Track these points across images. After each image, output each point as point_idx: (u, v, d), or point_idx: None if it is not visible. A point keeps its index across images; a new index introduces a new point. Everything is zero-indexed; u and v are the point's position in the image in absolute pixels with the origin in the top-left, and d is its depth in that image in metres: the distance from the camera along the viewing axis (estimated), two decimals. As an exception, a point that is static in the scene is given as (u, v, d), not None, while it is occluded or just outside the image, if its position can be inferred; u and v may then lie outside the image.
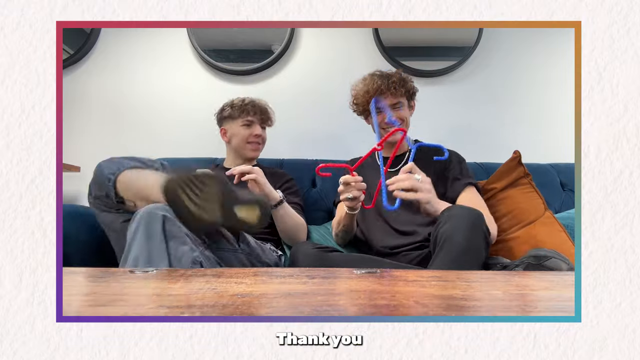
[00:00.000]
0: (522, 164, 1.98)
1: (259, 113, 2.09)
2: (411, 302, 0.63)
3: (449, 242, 1.34)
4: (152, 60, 2.60)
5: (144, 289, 0.73)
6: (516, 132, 2.61)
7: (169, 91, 2.59)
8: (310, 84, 2.61)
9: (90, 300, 0.67)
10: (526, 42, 2.65)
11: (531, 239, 1.79)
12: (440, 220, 1.41)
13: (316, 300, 0.64)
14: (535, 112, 2.62)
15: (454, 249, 1.32)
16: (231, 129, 2.09)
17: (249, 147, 2.08)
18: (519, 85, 2.64)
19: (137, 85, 2.58)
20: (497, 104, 2.62)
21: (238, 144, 2.08)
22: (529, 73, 2.64)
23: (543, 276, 0.95)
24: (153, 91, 2.58)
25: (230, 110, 2.08)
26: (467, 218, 1.37)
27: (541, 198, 1.93)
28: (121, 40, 2.61)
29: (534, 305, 0.67)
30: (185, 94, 2.59)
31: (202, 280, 0.78)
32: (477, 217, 1.38)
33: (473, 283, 0.82)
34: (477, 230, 1.36)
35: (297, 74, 2.62)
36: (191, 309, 0.59)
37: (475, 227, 1.36)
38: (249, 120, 2.06)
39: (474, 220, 1.37)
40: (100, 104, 2.56)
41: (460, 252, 1.31)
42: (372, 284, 0.76)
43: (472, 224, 1.36)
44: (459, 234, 1.33)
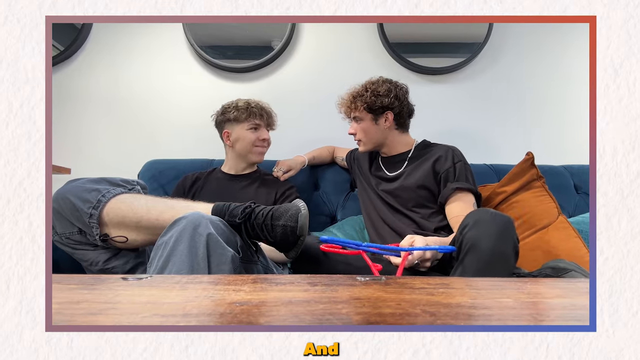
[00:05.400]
0: (535, 165, 1.98)
1: (265, 116, 2.08)
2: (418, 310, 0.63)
3: (475, 249, 1.33)
4: (146, 57, 2.61)
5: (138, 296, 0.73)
6: (528, 133, 2.61)
7: (163, 89, 2.59)
8: (312, 82, 2.61)
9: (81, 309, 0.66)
10: (538, 38, 2.65)
11: (544, 245, 1.79)
12: (465, 223, 1.41)
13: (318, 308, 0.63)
14: (548, 112, 2.62)
15: (480, 256, 1.32)
16: (236, 132, 2.07)
17: (256, 151, 2.08)
18: (530, 83, 2.64)
19: (131, 84, 2.59)
20: (507, 103, 2.62)
21: (244, 147, 2.07)
22: (541, 71, 2.64)
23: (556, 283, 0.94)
24: (147, 90, 2.59)
25: (236, 112, 2.05)
26: (495, 223, 1.36)
27: (554, 202, 1.93)
28: (114, 36, 2.61)
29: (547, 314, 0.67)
30: (181, 93, 2.59)
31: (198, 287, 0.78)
32: (507, 223, 1.37)
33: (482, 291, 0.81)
34: (507, 237, 1.35)
35: (298, 71, 2.62)
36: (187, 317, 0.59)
37: (504, 233, 1.35)
38: (256, 124, 2.05)
39: (503, 226, 1.36)
40: (91, 103, 2.56)
41: (487, 261, 1.31)
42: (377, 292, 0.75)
43: (501, 230, 1.35)
44: (486, 241, 1.32)
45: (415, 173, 1.89)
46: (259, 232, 1.29)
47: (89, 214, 1.25)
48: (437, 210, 1.84)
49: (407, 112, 1.98)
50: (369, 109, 1.93)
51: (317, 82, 2.61)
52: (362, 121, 1.96)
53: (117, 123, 2.57)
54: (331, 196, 2.27)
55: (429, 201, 1.85)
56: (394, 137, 1.99)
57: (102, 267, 1.35)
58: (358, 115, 1.97)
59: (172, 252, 1.15)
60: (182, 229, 1.17)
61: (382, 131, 1.96)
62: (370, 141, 1.98)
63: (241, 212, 1.30)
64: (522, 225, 1.89)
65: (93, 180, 1.33)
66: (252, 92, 2.41)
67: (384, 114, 1.93)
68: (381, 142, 1.99)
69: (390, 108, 1.92)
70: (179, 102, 2.59)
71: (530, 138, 2.59)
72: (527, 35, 2.65)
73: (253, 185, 2.08)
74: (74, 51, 2.56)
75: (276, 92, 2.57)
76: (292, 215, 1.28)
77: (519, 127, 2.61)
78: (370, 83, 1.97)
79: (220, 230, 1.21)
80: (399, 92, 1.94)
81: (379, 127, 1.95)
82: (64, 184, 1.32)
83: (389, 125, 1.95)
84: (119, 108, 2.57)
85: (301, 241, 1.29)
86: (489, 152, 2.54)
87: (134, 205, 1.30)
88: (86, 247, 1.34)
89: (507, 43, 2.65)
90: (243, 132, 2.05)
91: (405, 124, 2.01)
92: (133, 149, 2.55)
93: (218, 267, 1.17)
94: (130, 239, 1.30)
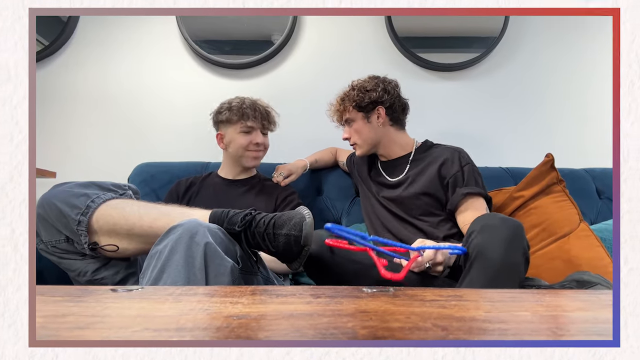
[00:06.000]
0: (555, 168, 1.98)
1: (259, 118, 2.03)
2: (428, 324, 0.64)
3: (482, 258, 1.33)
4: (137, 52, 2.61)
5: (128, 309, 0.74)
6: (546, 133, 2.61)
7: (156, 87, 2.60)
8: (314, 79, 2.62)
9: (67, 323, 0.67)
10: (558, 32, 2.65)
11: (564, 255, 1.79)
12: (472, 230, 1.41)
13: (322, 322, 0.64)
14: (568, 111, 2.62)
15: (488, 265, 1.32)
16: (229, 135, 2.04)
17: (249, 156, 2.05)
18: (549, 80, 2.64)
19: (121, 81, 2.59)
20: (524, 102, 2.63)
21: (236, 151, 2.04)
22: (561, 67, 2.64)
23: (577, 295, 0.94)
24: (138, 87, 2.60)
25: (228, 113, 2.02)
26: (503, 229, 1.36)
27: (576, 208, 1.92)
28: (102, 30, 2.62)
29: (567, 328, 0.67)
30: (174, 90, 2.60)
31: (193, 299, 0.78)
32: (516, 229, 1.37)
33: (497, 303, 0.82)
34: (516, 244, 1.35)
35: (299, 67, 2.63)
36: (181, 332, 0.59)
37: (513, 240, 1.35)
38: (248, 126, 2.01)
39: (512, 232, 1.35)
40: (78, 102, 2.57)
41: (495, 270, 1.31)
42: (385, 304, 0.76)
43: (510, 236, 1.35)
44: (494, 249, 1.32)
45: (419, 179, 1.90)
46: (260, 242, 1.29)
47: (77, 221, 1.24)
48: (446, 217, 1.85)
49: (399, 106, 2.00)
50: (358, 107, 1.96)
51: (320, 79, 2.62)
52: (354, 122, 1.99)
53: (105, 123, 2.57)
54: (335, 202, 2.27)
55: (436, 208, 1.86)
56: (391, 135, 2.01)
57: (90, 277, 1.34)
58: (349, 117, 2.00)
59: (167, 263, 1.14)
60: (177, 238, 1.16)
61: (377, 129, 1.98)
62: (366, 142, 2.00)
63: (241, 220, 1.29)
64: (541, 233, 1.88)
65: (81, 185, 1.32)
66: (251, 89, 2.41)
67: (375, 110, 1.96)
68: (377, 141, 2.00)
69: (380, 102, 1.95)
70: (172, 100, 2.60)
71: (549, 139, 2.59)
72: (546, 29, 2.65)
73: (252, 191, 2.07)
74: (59, 46, 2.57)
75: (276, 89, 2.57)
76: (296, 223, 1.28)
77: (537, 127, 2.61)
78: (356, 81, 2.01)
79: (219, 239, 1.21)
80: (388, 85, 1.97)
81: (372, 125, 1.97)
82: (50, 188, 1.31)
83: (383, 122, 1.96)
84: (108, 107, 2.58)
85: (305, 252, 1.29)
86: (504, 154, 2.54)
87: (126, 211, 1.29)
88: (73, 256, 1.33)
89: (524, 37, 2.65)
90: (235, 135, 2.03)
91: (399, 119, 2.02)
92: (123, 150, 2.55)
93: (216, 279, 1.16)
94: (122, 248, 1.29)
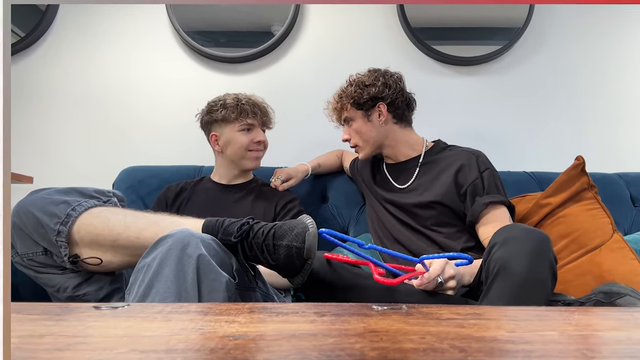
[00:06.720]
0: (585, 172, 1.97)
1: (259, 114, 2.03)
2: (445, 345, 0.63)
3: (505, 272, 1.32)
4: (122, 44, 2.63)
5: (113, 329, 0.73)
6: (575, 134, 2.61)
7: (143, 83, 2.61)
8: (318, 74, 2.63)
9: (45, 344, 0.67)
10: (588, 22, 2.66)
11: (595, 269, 1.78)
12: (493, 242, 1.40)
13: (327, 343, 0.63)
14: (600, 109, 2.62)
15: (511, 280, 1.31)
16: (225, 135, 2.03)
17: (250, 156, 2.04)
18: (579, 75, 2.64)
19: (105, 76, 2.61)
20: (551, 99, 2.63)
21: (236, 152, 2.03)
22: (591, 61, 2.64)
23: (609, 313, 0.94)
24: (124, 83, 2.61)
25: (224, 111, 2.00)
26: (528, 242, 1.35)
27: (609, 216, 1.91)
28: (84, 20, 2.63)
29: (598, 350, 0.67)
30: (164, 86, 2.61)
31: (185, 318, 0.78)
32: (541, 241, 1.36)
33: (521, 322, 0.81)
34: (542, 258, 1.34)
35: (302, 61, 2.64)
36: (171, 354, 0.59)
37: (539, 253, 1.34)
38: (248, 124, 2.01)
39: (537, 244, 1.35)
40: (58, 99, 2.58)
41: (519, 285, 1.30)
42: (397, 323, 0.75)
43: (535, 249, 1.34)
44: (518, 262, 1.32)
45: (432, 187, 1.89)
46: (259, 254, 1.28)
47: (57, 231, 1.22)
48: (463, 228, 1.84)
49: (403, 102, 1.98)
50: (356, 104, 1.95)
51: (324, 74, 2.62)
52: (354, 121, 1.98)
53: (88, 122, 2.58)
54: (342, 209, 2.27)
55: (452, 218, 1.85)
56: (396, 134, 1.99)
57: (71, 293, 1.33)
58: (348, 116, 1.99)
59: (156, 277, 1.13)
60: (167, 250, 1.15)
61: (378, 128, 1.96)
62: (368, 143, 1.99)
63: (237, 230, 1.28)
64: (571, 244, 1.88)
65: (61, 191, 1.31)
66: (249, 85, 2.41)
67: (375, 107, 1.95)
68: (381, 142, 1.99)
69: (380, 98, 1.93)
70: (161, 97, 2.61)
71: (579, 140, 2.59)
72: (574, 19, 2.65)
73: (249, 197, 2.07)
74: (37, 37, 2.58)
75: (276, 85, 2.58)
76: (298, 234, 1.27)
77: (565, 127, 2.61)
78: (354, 76, 2.00)
79: (213, 251, 1.20)
80: (389, 79, 1.95)
81: (374, 124, 1.96)
82: (26, 195, 1.30)
83: (385, 120, 1.95)
84: (91, 105, 2.59)
85: (309, 265, 1.28)
86: (527, 157, 2.54)
87: (110, 220, 1.27)
88: (52, 270, 1.31)
89: (551, 28, 2.65)
90: (234, 135, 2.02)
91: (405, 116, 2.01)
92: (107, 153, 2.56)
93: (210, 295, 1.15)
94: (105, 261, 1.28)
